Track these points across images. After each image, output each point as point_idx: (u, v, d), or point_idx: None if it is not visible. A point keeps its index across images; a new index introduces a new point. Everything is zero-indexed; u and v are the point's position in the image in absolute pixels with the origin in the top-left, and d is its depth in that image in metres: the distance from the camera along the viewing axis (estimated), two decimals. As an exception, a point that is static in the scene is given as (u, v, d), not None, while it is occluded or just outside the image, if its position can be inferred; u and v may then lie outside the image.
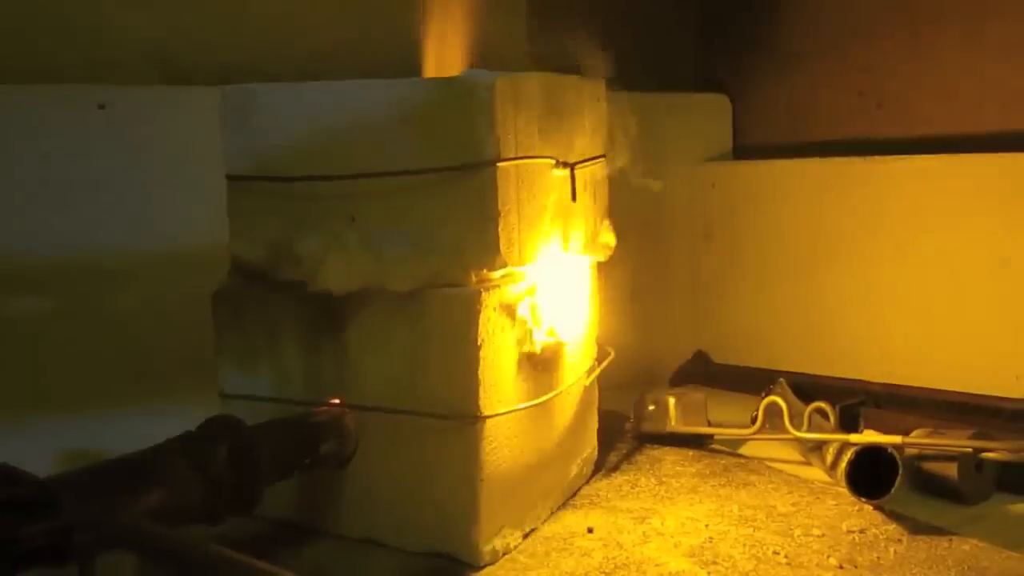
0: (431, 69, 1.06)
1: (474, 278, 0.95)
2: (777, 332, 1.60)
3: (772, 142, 1.69)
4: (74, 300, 1.23)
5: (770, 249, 1.60)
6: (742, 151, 1.74)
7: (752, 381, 1.44)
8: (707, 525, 1.05)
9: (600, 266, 1.18)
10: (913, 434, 1.14)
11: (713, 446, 1.31)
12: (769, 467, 1.23)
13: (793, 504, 1.11)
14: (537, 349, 1.01)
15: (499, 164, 0.94)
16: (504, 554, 0.98)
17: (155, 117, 1.28)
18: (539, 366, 1.03)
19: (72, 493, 0.77)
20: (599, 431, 1.23)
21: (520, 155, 0.97)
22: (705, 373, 1.66)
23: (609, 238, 1.14)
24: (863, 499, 1.09)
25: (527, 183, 0.98)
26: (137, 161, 1.26)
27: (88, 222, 1.24)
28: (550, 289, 1.03)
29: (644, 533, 1.03)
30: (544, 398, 1.04)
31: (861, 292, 1.49)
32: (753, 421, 1.25)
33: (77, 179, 1.23)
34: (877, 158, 1.47)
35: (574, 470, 1.14)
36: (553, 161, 1.03)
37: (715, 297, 1.69)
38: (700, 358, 1.70)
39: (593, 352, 1.19)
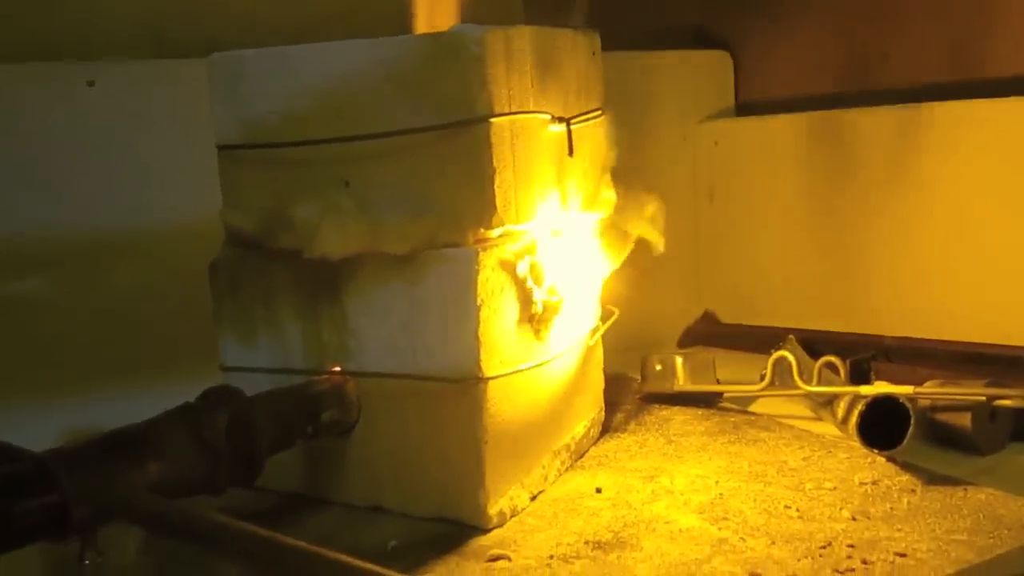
0: (423, 26, 1.05)
1: (471, 238, 0.94)
2: (785, 289, 1.59)
3: (775, 97, 1.66)
4: (72, 278, 1.22)
5: (775, 205, 1.59)
6: (745, 108, 1.71)
7: (762, 340, 1.42)
8: (717, 482, 1.03)
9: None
10: (925, 385, 1.12)
11: (723, 404, 1.30)
12: (779, 423, 1.22)
13: (804, 459, 1.09)
14: (539, 309, 1.00)
15: (492, 120, 0.92)
16: (512, 516, 0.97)
17: (146, 92, 1.27)
18: (541, 326, 1.01)
19: (70, 467, 0.76)
20: (606, 393, 1.22)
21: (514, 111, 0.95)
22: (714, 333, 1.64)
23: (610, 194, 1.12)
24: (875, 451, 1.07)
25: (522, 140, 0.96)
26: (130, 136, 1.25)
27: (83, 199, 1.23)
28: (550, 248, 1.01)
29: (653, 492, 1.02)
30: (548, 359, 1.03)
31: (870, 244, 1.47)
32: (762, 378, 1.24)
33: (70, 157, 1.22)
34: (883, 108, 1.44)
35: (581, 431, 1.13)
36: (549, 116, 1.02)
37: (721, 257, 1.68)
38: (708, 319, 1.69)
39: (597, 312, 1.18)
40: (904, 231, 1.43)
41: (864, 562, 0.84)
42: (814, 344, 1.32)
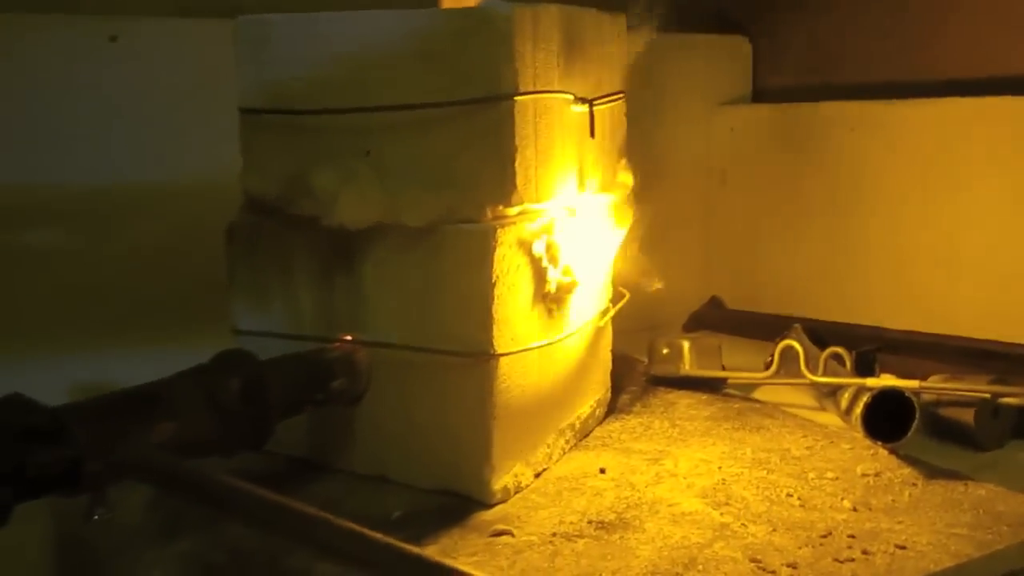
0: (450, 1, 1.04)
1: (490, 214, 0.94)
2: (793, 278, 1.59)
3: (793, 85, 1.66)
4: (88, 234, 1.22)
5: (788, 194, 1.59)
6: (761, 94, 1.71)
7: (767, 327, 1.43)
8: (720, 467, 1.04)
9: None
10: (930, 379, 1.13)
11: (727, 390, 1.30)
12: (783, 411, 1.22)
13: (807, 448, 1.10)
14: (552, 288, 1.00)
15: (516, 98, 0.92)
16: (515, 492, 0.98)
17: (168, 49, 1.27)
18: (554, 305, 1.02)
19: (83, 422, 0.77)
20: (613, 374, 1.23)
21: (539, 89, 0.95)
22: (719, 319, 1.65)
23: (627, 178, 1.12)
24: (878, 443, 1.08)
25: (545, 119, 0.97)
26: (150, 93, 1.25)
27: (100, 154, 1.23)
28: (567, 228, 1.01)
29: (657, 474, 1.03)
30: (559, 338, 1.03)
31: (880, 238, 1.47)
32: (768, 365, 1.24)
33: (89, 112, 1.22)
34: (899, 101, 1.44)
35: (587, 411, 1.14)
36: (572, 97, 1.02)
37: (731, 243, 1.68)
38: (715, 304, 1.69)
39: (609, 293, 1.18)
40: (913, 225, 1.43)
41: (864, 552, 0.85)
42: (819, 333, 1.32)
